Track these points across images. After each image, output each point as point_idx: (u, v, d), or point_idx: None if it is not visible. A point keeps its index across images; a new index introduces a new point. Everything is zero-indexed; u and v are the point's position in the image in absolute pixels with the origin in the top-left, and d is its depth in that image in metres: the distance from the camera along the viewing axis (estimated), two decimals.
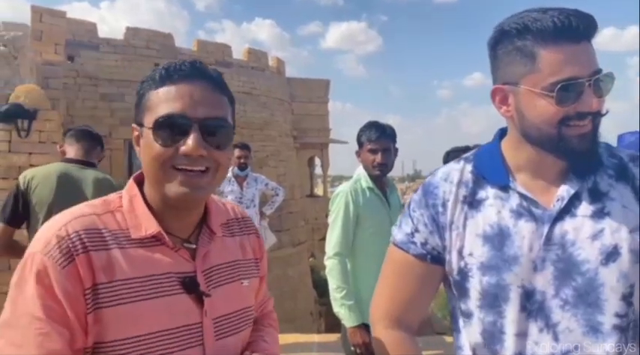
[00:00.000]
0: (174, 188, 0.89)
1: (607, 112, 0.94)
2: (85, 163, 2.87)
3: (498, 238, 0.99)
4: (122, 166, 10.86)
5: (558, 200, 0.97)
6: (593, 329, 0.93)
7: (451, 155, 3.76)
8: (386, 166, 2.75)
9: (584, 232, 0.95)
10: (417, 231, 1.09)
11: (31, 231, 2.73)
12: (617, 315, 0.93)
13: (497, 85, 1.01)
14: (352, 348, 2.59)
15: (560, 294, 0.95)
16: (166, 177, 0.89)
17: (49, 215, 2.68)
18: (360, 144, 2.79)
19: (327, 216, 2.91)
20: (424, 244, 1.08)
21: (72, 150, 2.90)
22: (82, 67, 10.71)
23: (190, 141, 0.87)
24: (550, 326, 0.95)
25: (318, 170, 18.84)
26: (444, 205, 1.06)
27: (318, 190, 19.45)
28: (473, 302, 1.03)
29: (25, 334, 0.81)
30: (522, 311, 0.97)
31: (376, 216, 2.74)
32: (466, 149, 3.74)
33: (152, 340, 0.87)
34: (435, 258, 1.07)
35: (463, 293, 1.04)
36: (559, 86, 0.91)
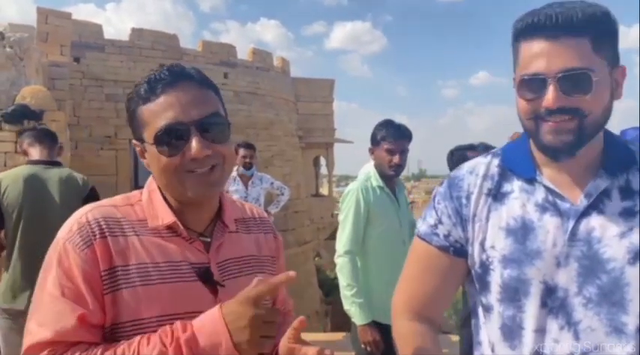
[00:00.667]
0: (191, 190, 0.95)
1: (589, 113, 0.91)
2: (50, 163, 2.95)
3: (522, 231, 0.98)
4: (128, 166, 10.90)
5: (586, 195, 0.95)
6: (617, 330, 0.91)
7: (455, 154, 3.74)
8: (401, 167, 2.76)
9: (612, 230, 0.93)
10: (440, 222, 1.09)
11: (7, 232, 2.81)
12: None
13: None
14: (362, 346, 2.60)
15: (584, 292, 0.93)
16: (181, 182, 0.95)
17: (19, 217, 2.77)
18: (376, 142, 2.76)
19: (332, 215, 2.93)
20: (447, 236, 1.08)
21: (35, 151, 2.97)
22: (87, 68, 10.75)
23: (194, 145, 0.92)
24: (571, 325, 0.94)
25: (323, 170, 18.84)
26: (467, 198, 1.06)
27: (324, 190, 19.44)
28: (493, 296, 1.02)
29: (45, 314, 0.88)
30: (543, 307, 0.96)
31: (386, 214, 2.75)
32: (470, 147, 3.72)
33: (165, 322, 0.90)
34: (458, 251, 1.07)
35: (484, 286, 1.04)
36: (521, 81, 0.94)
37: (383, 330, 2.56)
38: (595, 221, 0.94)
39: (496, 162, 1.07)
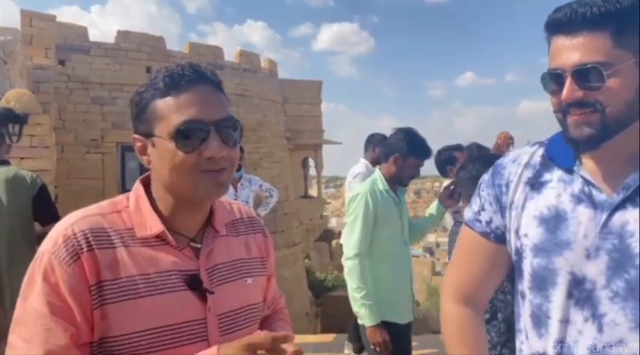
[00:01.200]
0: (203, 190, 0.93)
1: (605, 106, 0.91)
2: None
3: (554, 221, 0.99)
4: (115, 169, 10.82)
5: (623, 188, 0.94)
6: None
7: (443, 154, 3.78)
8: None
9: None
10: (483, 209, 1.12)
11: None
12: None
13: None
14: (372, 347, 2.65)
15: (611, 285, 0.92)
16: (194, 180, 0.92)
17: None
18: (402, 154, 2.75)
19: (321, 216, 2.95)
20: (489, 222, 1.11)
21: None
22: (73, 70, 10.66)
23: (213, 145, 0.91)
24: (596, 317, 0.94)
25: (312, 171, 18.84)
26: (507, 186, 1.08)
27: (313, 191, 19.43)
28: (525, 284, 1.04)
29: (31, 330, 0.85)
30: (569, 298, 0.96)
31: (391, 217, 2.80)
32: (457, 148, 3.75)
33: (156, 335, 0.90)
34: (499, 237, 1.10)
35: (519, 274, 1.07)
36: (543, 75, 0.97)
37: (391, 328, 2.65)
38: (630, 214, 0.93)
39: (540, 151, 1.08)
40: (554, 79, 0.95)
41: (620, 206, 0.93)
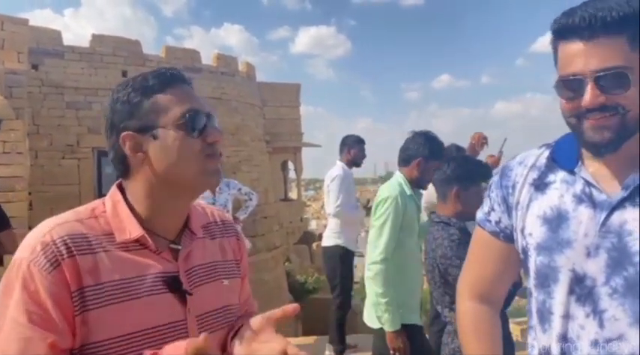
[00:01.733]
0: (207, 176, 0.99)
1: (628, 110, 0.92)
2: None
3: (556, 221, 1.02)
4: (91, 175, 10.64)
5: (623, 188, 0.96)
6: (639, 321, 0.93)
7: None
8: None
9: None
10: (492, 209, 1.17)
11: None
12: None
13: None
14: (391, 352, 2.69)
15: (611, 282, 0.95)
16: (201, 165, 0.97)
17: None
18: (425, 157, 2.81)
19: (301, 219, 2.96)
20: (498, 222, 1.16)
21: None
22: (46, 75, 10.46)
23: (214, 130, 0.99)
24: (597, 313, 0.96)
25: (291, 174, 18.82)
26: (513, 187, 1.12)
27: (292, 194, 19.41)
28: (531, 281, 1.08)
29: (8, 338, 0.85)
30: (571, 295, 0.99)
31: (414, 221, 2.86)
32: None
33: (138, 338, 0.91)
34: (508, 237, 1.14)
35: (527, 272, 1.10)
36: (559, 82, 0.96)
37: (407, 330, 2.72)
38: (629, 214, 0.95)
39: (546, 153, 1.11)
40: (571, 85, 0.95)
41: (619, 205, 0.96)
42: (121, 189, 1.02)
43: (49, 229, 0.91)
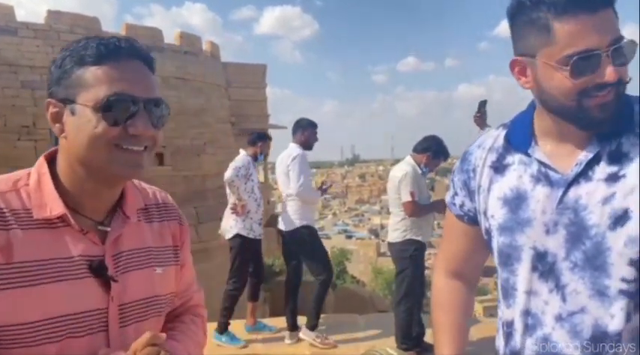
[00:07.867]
0: (118, 167, 0.88)
1: (630, 79, 0.92)
2: None
3: (516, 202, 1.04)
4: None
5: (576, 164, 0.97)
6: (599, 293, 0.94)
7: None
8: None
9: (596, 196, 0.94)
10: (456, 194, 1.20)
11: None
12: (624, 280, 0.93)
13: (515, 56, 0.99)
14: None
15: (570, 257, 0.97)
16: (110, 156, 0.87)
17: None
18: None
19: (268, 202, 2.97)
20: (462, 206, 1.19)
21: None
22: None
23: (140, 122, 0.88)
24: (559, 288, 0.99)
25: None
26: (474, 171, 1.13)
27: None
28: (496, 260, 1.10)
29: None
30: (533, 271, 1.02)
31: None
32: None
33: (51, 325, 0.84)
34: (472, 219, 1.17)
35: (491, 252, 1.13)
36: (574, 59, 0.89)
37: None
38: (583, 189, 0.96)
39: (503, 133, 1.10)
40: (588, 61, 0.89)
41: (574, 182, 0.97)
42: (49, 161, 0.94)
43: None
